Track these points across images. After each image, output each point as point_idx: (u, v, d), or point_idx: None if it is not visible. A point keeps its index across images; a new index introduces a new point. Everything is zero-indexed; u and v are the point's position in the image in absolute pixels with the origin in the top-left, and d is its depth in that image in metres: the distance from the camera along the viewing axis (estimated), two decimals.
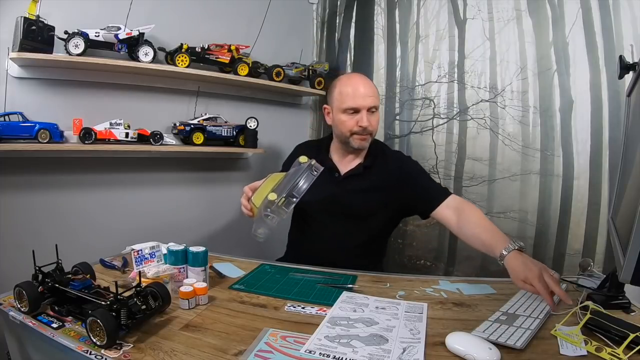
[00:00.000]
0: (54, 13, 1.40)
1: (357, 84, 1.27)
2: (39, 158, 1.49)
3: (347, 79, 1.31)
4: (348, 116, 1.26)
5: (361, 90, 1.25)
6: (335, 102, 1.29)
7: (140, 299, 0.77)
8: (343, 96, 1.26)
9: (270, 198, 0.99)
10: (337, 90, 1.29)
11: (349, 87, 1.27)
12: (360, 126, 1.24)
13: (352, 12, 2.21)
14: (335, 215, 1.30)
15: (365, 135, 1.27)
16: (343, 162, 1.34)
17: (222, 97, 1.97)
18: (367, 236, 1.32)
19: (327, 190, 1.24)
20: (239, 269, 1.16)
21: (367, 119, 1.24)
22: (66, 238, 1.16)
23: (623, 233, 0.71)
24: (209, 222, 2.01)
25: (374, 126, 1.28)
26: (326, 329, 0.78)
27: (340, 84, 1.29)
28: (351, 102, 1.24)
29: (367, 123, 1.24)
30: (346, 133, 1.27)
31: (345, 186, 1.30)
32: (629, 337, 0.67)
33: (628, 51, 1.55)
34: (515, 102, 1.81)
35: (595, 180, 1.67)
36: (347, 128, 1.26)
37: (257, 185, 1.11)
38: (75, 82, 1.55)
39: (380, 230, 1.36)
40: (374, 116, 1.27)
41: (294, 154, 1.45)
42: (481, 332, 0.75)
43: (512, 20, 1.80)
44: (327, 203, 1.28)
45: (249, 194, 1.10)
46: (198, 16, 1.86)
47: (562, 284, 1.00)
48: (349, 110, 1.25)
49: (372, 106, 1.25)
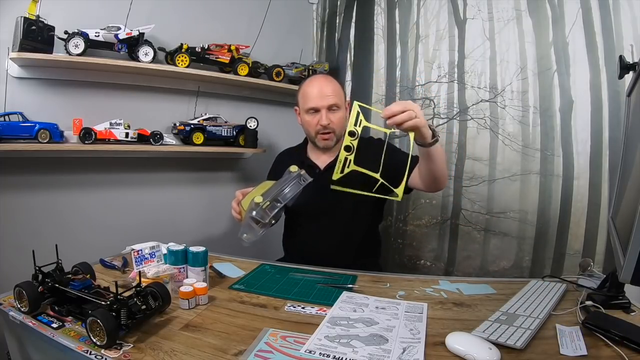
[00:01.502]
0: (54, 13, 1.40)
1: (316, 84, 1.33)
2: (39, 158, 1.49)
3: (309, 81, 1.37)
4: (310, 116, 1.33)
5: (321, 90, 1.31)
6: (300, 103, 1.36)
7: (140, 299, 0.77)
8: (305, 97, 1.33)
9: (256, 200, 1.02)
10: (301, 91, 1.36)
11: (309, 88, 1.33)
12: (321, 125, 1.30)
13: (352, 12, 2.21)
14: (323, 208, 1.31)
15: (328, 134, 1.32)
16: (321, 159, 1.39)
17: (222, 97, 1.98)
18: (357, 224, 1.33)
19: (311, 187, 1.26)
20: (239, 269, 1.16)
21: (326, 117, 1.30)
22: (66, 238, 1.16)
23: (623, 233, 0.71)
24: (209, 222, 2.01)
25: (336, 124, 1.32)
26: (326, 329, 0.78)
27: (304, 86, 1.36)
28: (311, 102, 1.31)
29: (327, 121, 1.30)
30: (311, 133, 1.34)
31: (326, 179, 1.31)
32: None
33: (628, 51, 1.55)
34: (515, 102, 1.81)
35: (595, 180, 1.67)
36: (310, 127, 1.33)
37: (248, 190, 1.15)
38: (75, 82, 1.55)
39: (370, 215, 1.38)
40: (335, 114, 1.32)
41: (276, 163, 1.51)
42: (481, 332, 0.75)
43: (512, 20, 1.80)
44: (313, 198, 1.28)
45: (240, 198, 1.13)
46: (198, 16, 1.86)
47: (562, 284, 1.00)
48: (310, 110, 1.32)
49: (332, 104, 1.30)
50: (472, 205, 1.89)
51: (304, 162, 1.39)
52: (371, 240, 1.42)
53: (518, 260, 1.82)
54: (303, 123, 1.37)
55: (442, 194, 1.94)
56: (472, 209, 1.89)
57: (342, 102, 1.35)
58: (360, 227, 1.35)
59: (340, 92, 1.35)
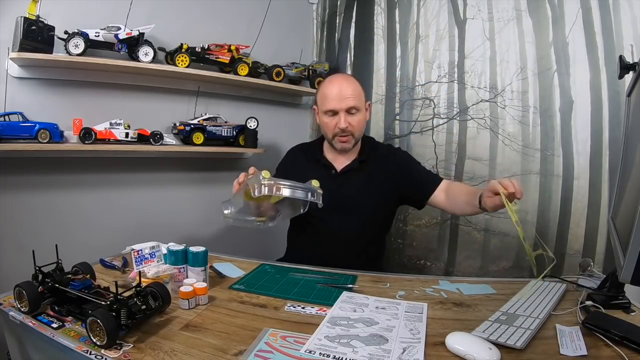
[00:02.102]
0: (54, 13, 1.40)
1: (336, 85, 1.28)
2: (39, 158, 1.49)
3: (329, 81, 1.32)
4: (329, 118, 1.29)
5: (340, 92, 1.26)
6: (319, 104, 1.32)
7: (140, 299, 0.77)
8: (323, 98, 1.29)
9: (264, 175, 0.98)
10: (320, 92, 1.32)
11: (328, 89, 1.29)
12: (339, 128, 1.26)
13: (352, 12, 2.21)
14: (335, 211, 1.29)
15: (347, 137, 1.29)
16: (338, 160, 1.36)
17: (222, 97, 1.97)
18: (367, 231, 1.33)
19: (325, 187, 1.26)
20: (239, 269, 1.16)
21: (344, 120, 1.26)
22: (66, 238, 1.16)
23: (623, 233, 0.71)
24: (209, 222, 2.00)
25: (355, 127, 1.28)
26: (326, 329, 0.78)
27: (323, 86, 1.32)
28: (329, 104, 1.27)
29: (345, 124, 1.26)
30: (329, 134, 1.31)
31: (343, 181, 1.31)
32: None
33: (628, 51, 1.55)
34: (515, 102, 1.81)
35: (595, 181, 1.67)
36: (329, 130, 1.30)
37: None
38: (75, 82, 1.55)
39: (381, 224, 1.37)
40: (354, 117, 1.27)
41: (287, 158, 1.48)
42: (481, 332, 0.75)
43: (512, 20, 1.80)
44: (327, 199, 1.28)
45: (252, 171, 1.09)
46: (198, 16, 1.86)
47: (562, 284, 1.00)
48: (328, 112, 1.28)
49: (351, 107, 1.26)
50: None
51: (320, 160, 1.37)
52: (377, 247, 1.41)
53: (518, 260, 1.82)
54: (321, 124, 1.33)
55: None
56: None
57: (362, 104, 1.30)
58: (370, 234, 1.34)
59: (360, 94, 1.29)
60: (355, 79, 1.33)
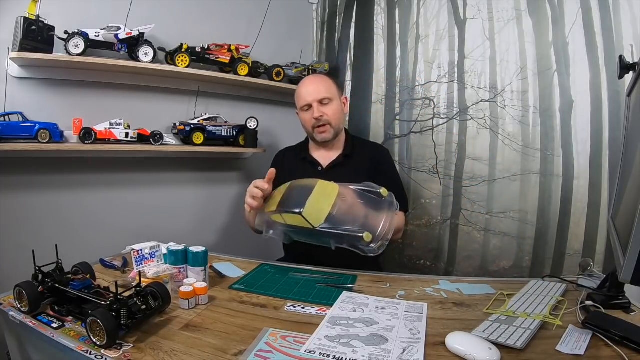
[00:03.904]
0: (54, 13, 1.40)
1: (307, 83, 1.44)
2: (39, 158, 1.49)
3: (302, 82, 1.46)
4: (305, 113, 1.40)
5: (310, 87, 1.39)
6: (297, 105, 1.44)
7: (140, 299, 0.77)
8: (298, 97, 1.42)
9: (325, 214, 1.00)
10: (296, 93, 1.44)
11: (301, 88, 1.42)
12: (314, 118, 1.35)
13: (352, 12, 2.20)
14: None
15: (324, 126, 1.37)
16: (323, 157, 1.43)
17: (222, 97, 1.97)
18: None
19: None
20: (239, 269, 1.16)
21: (318, 110, 1.35)
22: (66, 238, 1.16)
23: (623, 233, 0.71)
24: (209, 222, 2.01)
25: (330, 115, 1.37)
26: (326, 329, 0.78)
27: (298, 88, 1.44)
28: (302, 100, 1.39)
29: (319, 114, 1.35)
30: (309, 129, 1.40)
31: (329, 177, 1.31)
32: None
33: (628, 51, 1.55)
34: (515, 102, 1.81)
35: (595, 181, 1.67)
36: (308, 124, 1.40)
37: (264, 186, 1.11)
38: (75, 82, 1.55)
39: None
40: (328, 107, 1.37)
41: (276, 159, 1.53)
42: (481, 332, 0.75)
43: (512, 20, 1.80)
44: None
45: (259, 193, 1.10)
46: (198, 16, 1.86)
47: (562, 284, 1.00)
48: (304, 107, 1.39)
49: (323, 98, 1.36)
50: (472, 205, 1.89)
51: (306, 158, 1.43)
52: None
53: (518, 260, 1.82)
54: (301, 122, 1.43)
55: (442, 194, 1.94)
56: (472, 209, 1.89)
57: (335, 94, 1.40)
58: None
59: (330, 86, 1.40)
60: (328, 77, 1.46)
